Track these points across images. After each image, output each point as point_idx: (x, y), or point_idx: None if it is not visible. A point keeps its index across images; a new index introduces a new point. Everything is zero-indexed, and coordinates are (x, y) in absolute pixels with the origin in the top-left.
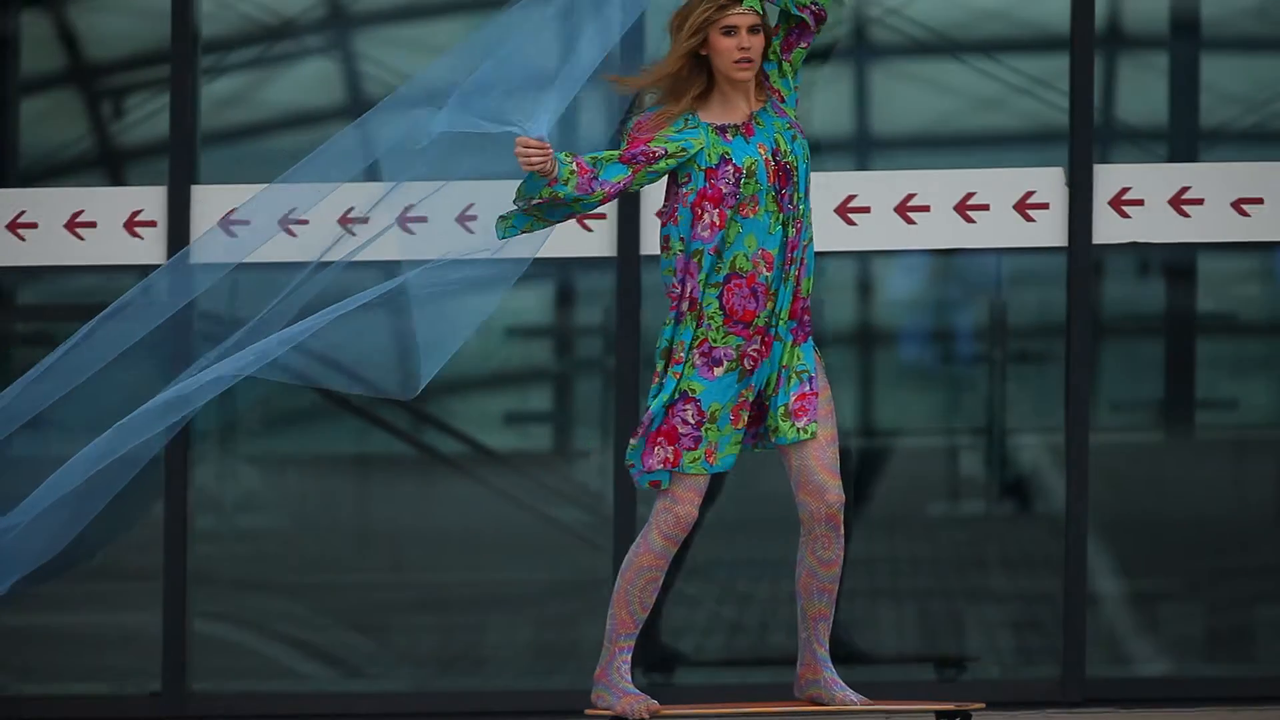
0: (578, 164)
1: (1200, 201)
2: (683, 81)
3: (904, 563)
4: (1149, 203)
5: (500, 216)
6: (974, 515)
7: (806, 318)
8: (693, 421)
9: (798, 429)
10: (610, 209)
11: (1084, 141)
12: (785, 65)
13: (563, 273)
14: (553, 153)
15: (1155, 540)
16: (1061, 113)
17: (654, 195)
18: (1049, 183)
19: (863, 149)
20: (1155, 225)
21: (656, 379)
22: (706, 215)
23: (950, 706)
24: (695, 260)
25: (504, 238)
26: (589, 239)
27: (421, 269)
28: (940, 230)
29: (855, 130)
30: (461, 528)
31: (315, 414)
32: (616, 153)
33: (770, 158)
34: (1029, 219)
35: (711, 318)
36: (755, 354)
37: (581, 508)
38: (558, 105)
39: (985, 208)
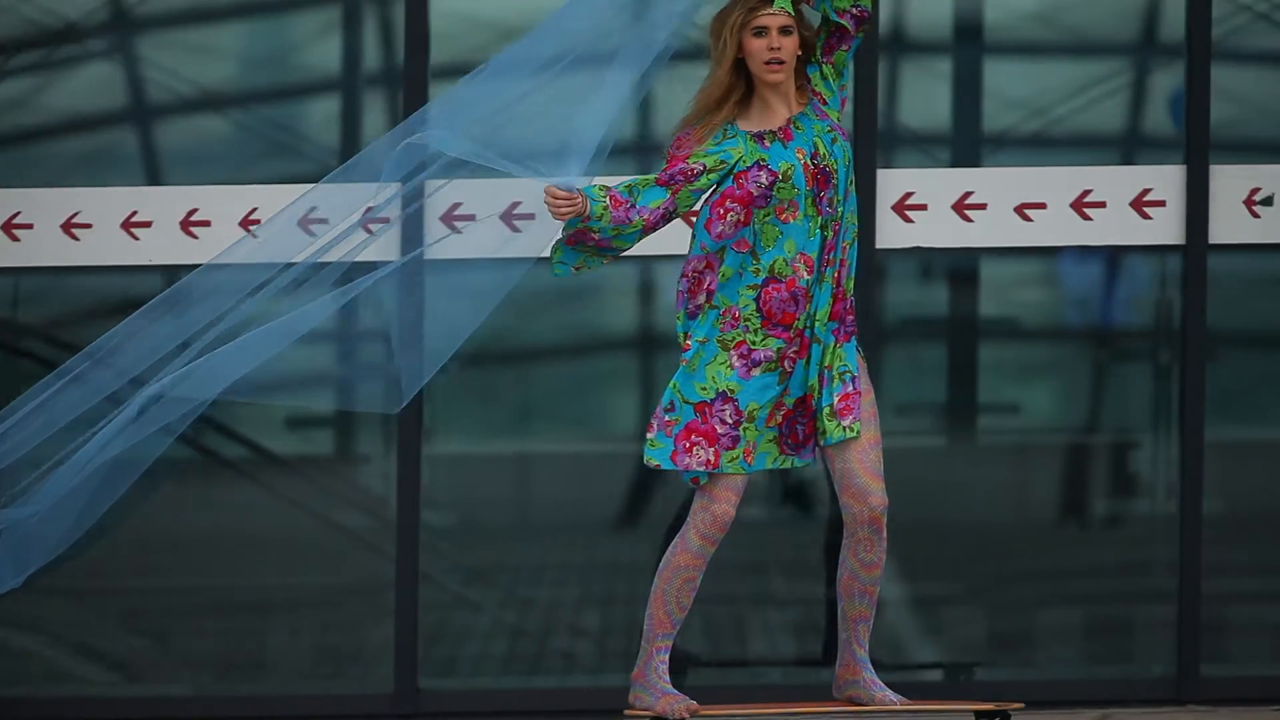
0: (611, 196)
1: (983, 206)
2: (727, 90)
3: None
4: (932, 207)
5: (548, 255)
6: (755, 520)
7: (850, 318)
8: (730, 421)
9: (843, 427)
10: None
11: (868, 146)
12: (826, 68)
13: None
14: (581, 197)
15: (937, 544)
16: (847, 119)
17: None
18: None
19: (643, 152)
20: (938, 230)
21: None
22: (730, 214)
23: (990, 706)
24: (718, 256)
25: (558, 275)
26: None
27: (404, 272)
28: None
29: (638, 136)
30: (244, 532)
31: (95, 418)
32: (653, 176)
33: (809, 161)
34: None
35: (748, 319)
36: (794, 355)
37: (364, 512)
38: (593, 151)
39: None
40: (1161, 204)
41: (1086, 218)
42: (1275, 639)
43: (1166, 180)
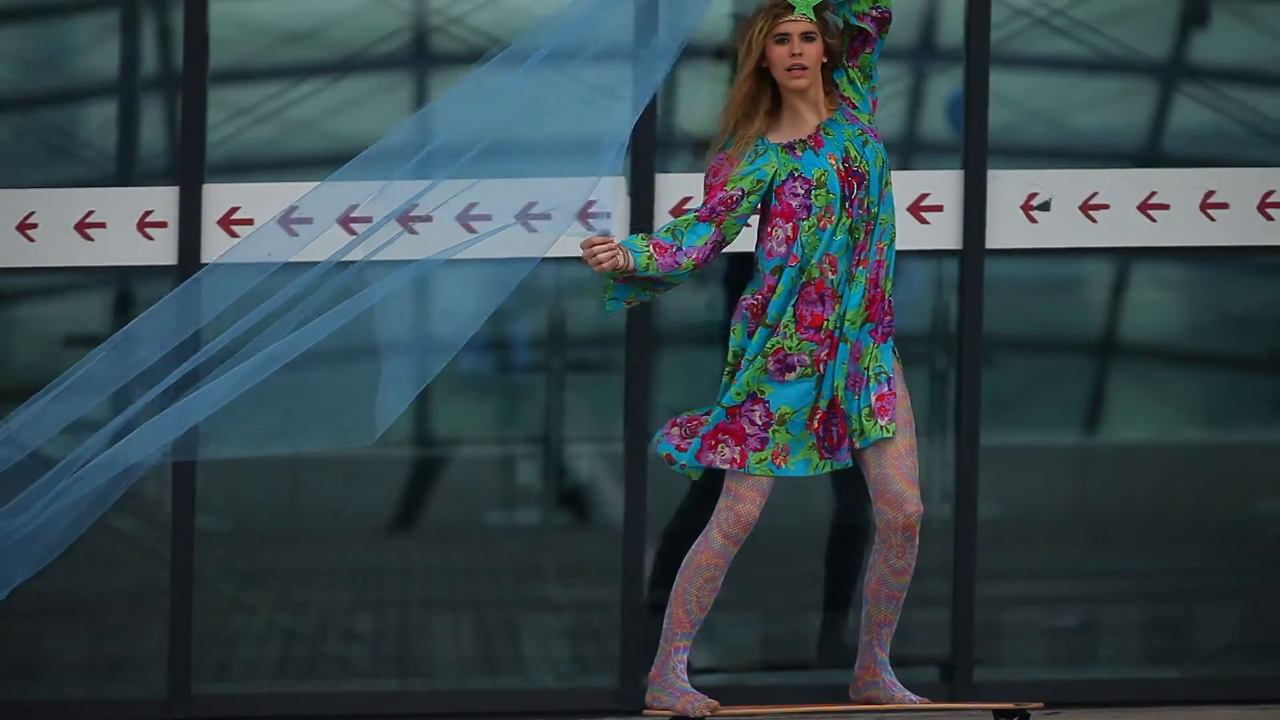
0: (654, 245)
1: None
2: (753, 100)
3: (461, 572)
4: (559, 218)
5: (604, 290)
6: (531, 525)
7: (887, 319)
8: (760, 423)
9: (880, 427)
10: (168, 214)
11: (647, 151)
12: (854, 72)
13: (122, 281)
14: (621, 246)
15: None
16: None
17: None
18: (613, 193)
19: (425, 158)
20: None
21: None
22: (778, 231)
23: (1009, 706)
24: (774, 277)
25: (611, 311)
26: (149, 247)
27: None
28: (505, 239)
29: (417, 139)
30: None
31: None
32: (693, 214)
33: (841, 165)
34: (590, 227)
35: (786, 325)
36: (825, 357)
37: (140, 516)
38: (624, 146)
39: (546, 217)
40: (939, 209)
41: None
42: (1047, 643)
43: (944, 185)
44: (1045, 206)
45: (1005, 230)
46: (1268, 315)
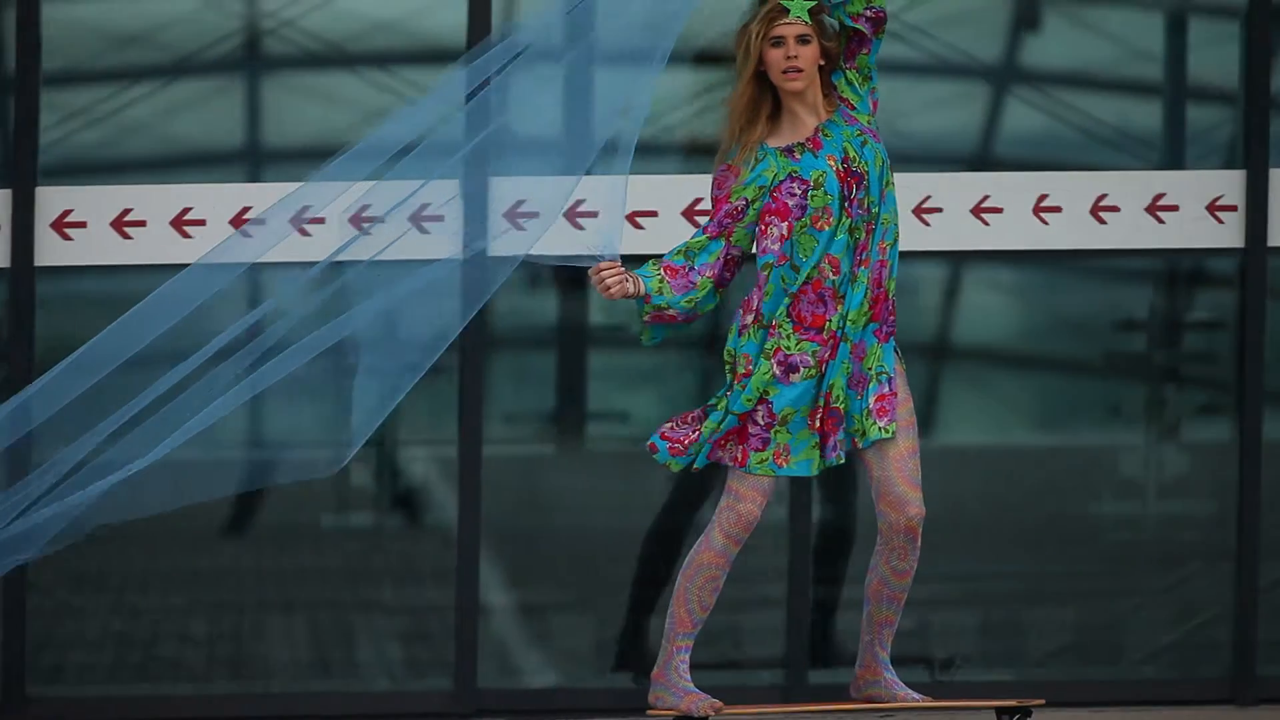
0: (665, 268)
1: (594, 214)
2: (754, 105)
3: (293, 574)
4: (544, 217)
5: (639, 332)
6: (364, 527)
7: (891, 318)
8: (762, 423)
9: (880, 428)
10: (0, 217)
11: (480, 154)
12: (851, 74)
13: None
14: (631, 273)
15: (545, 552)
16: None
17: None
18: (443, 195)
19: (256, 161)
20: (551, 238)
21: (729, 386)
22: (773, 229)
23: (1012, 704)
24: (764, 274)
25: (647, 341)
26: None
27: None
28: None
29: (248, 142)
30: None
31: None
32: (703, 235)
33: (840, 166)
34: (424, 230)
35: (781, 326)
36: (827, 358)
37: None
38: (620, 215)
39: (380, 219)
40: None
41: (696, 224)
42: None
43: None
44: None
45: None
46: (1100, 318)
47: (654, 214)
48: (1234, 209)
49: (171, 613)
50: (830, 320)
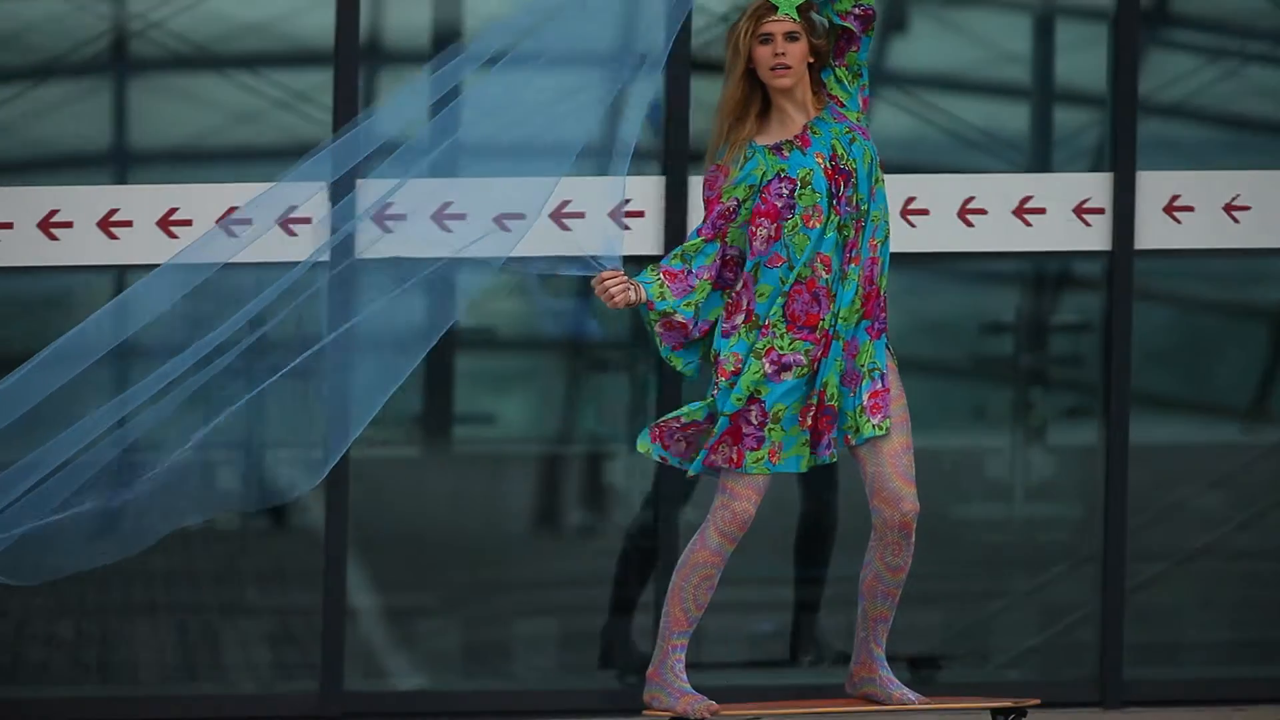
0: (664, 273)
1: (461, 217)
2: (744, 103)
3: (160, 576)
4: (412, 217)
5: (669, 361)
6: (230, 530)
7: (882, 315)
8: (756, 422)
9: (874, 425)
10: None
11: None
12: (840, 71)
13: None
14: (631, 280)
15: (413, 555)
16: (323, 127)
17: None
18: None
19: (121, 163)
20: (417, 240)
21: (714, 385)
22: (761, 230)
23: (1008, 703)
24: (751, 274)
25: (687, 371)
26: None
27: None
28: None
29: (114, 144)
30: None
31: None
32: (699, 237)
33: (828, 164)
34: (291, 234)
35: (775, 326)
36: (819, 356)
37: None
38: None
39: (247, 222)
40: (640, 214)
41: (566, 228)
42: (746, 648)
43: (647, 191)
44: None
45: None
46: (967, 321)
47: (519, 216)
48: (1101, 212)
49: (36, 615)
50: (823, 319)
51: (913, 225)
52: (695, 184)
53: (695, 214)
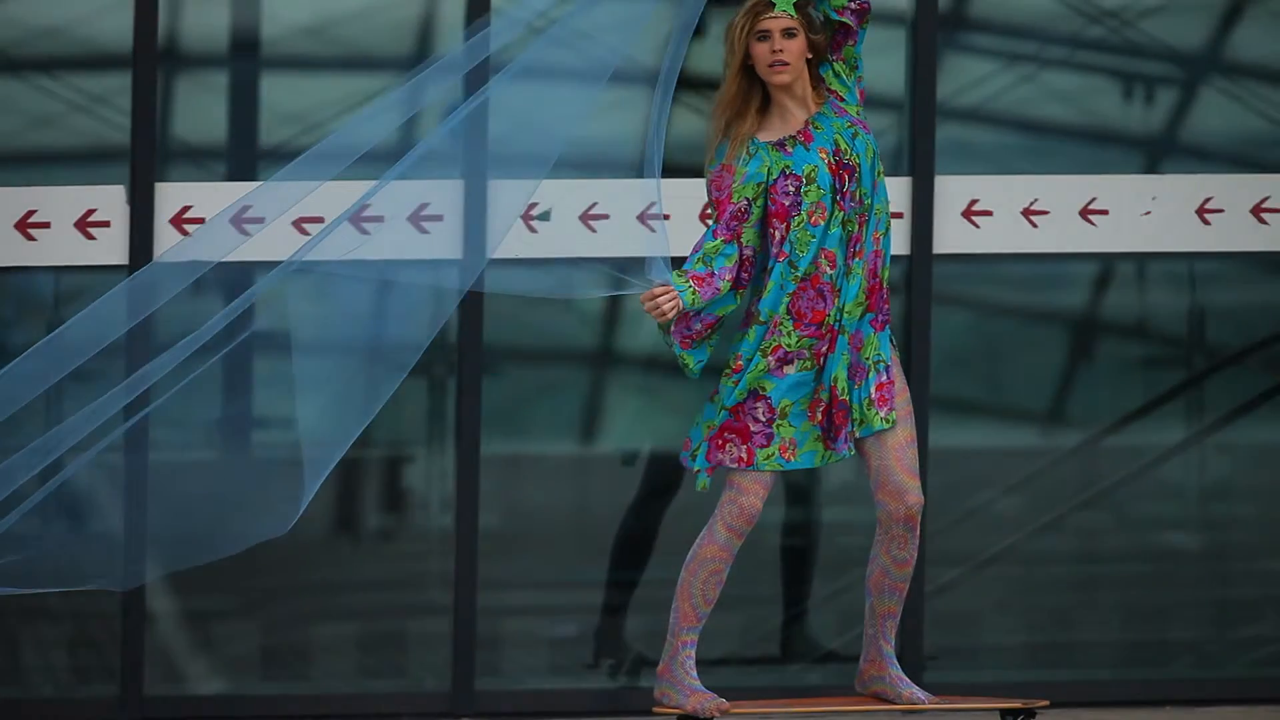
0: (692, 278)
1: (260, 220)
2: (743, 99)
3: None
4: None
5: (681, 363)
6: (30, 534)
7: (886, 307)
8: (763, 419)
9: (881, 418)
10: None
11: (146, 160)
12: (838, 65)
13: None
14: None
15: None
16: (121, 131)
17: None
18: (110, 201)
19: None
20: (216, 244)
21: (720, 387)
22: (776, 232)
23: (1017, 704)
24: (767, 275)
25: (697, 375)
26: None
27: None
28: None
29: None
30: None
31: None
32: (718, 240)
33: (832, 159)
34: (90, 237)
35: (781, 324)
36: (825, 351)
37: None
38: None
39: (47, 225)
40: (439, 218)
41: (365, 231)
42: (549, 653)
43: (446, 195)
44: (546, 216)
45: (508, 240)
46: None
47: (319, 220)
48: (900, 216)
49: None
50: (828, 314)
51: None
52: (495, 187)
53: (495, 219)
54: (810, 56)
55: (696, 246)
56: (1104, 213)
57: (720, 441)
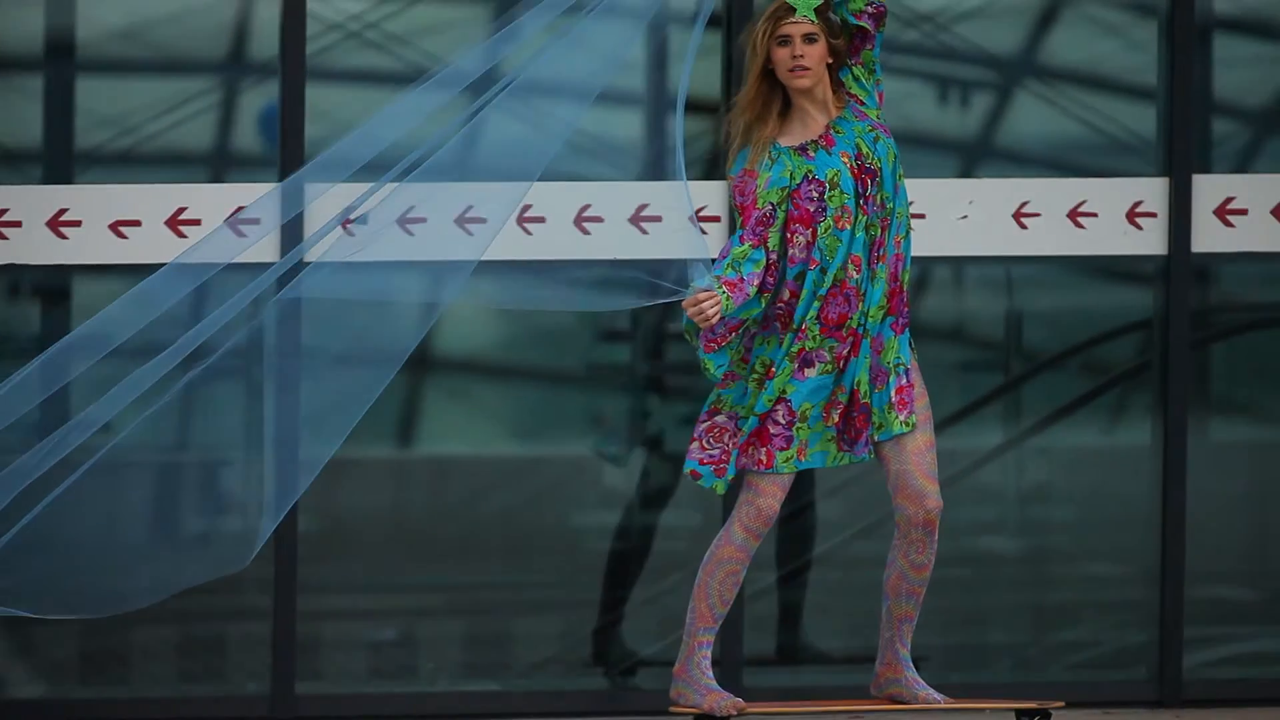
0: (725, 284)
1: (78, 223)
2: (764, 102)
3: None
4: (27, 224)
5: (703, 366)
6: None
7: (905, 310)
8: (784, 422)
9: (901, 421)
10: None
11: None
12: (857, 69)
13: None
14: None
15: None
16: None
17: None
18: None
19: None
20: (31, 247)
21: (746, 392)
22: (799, 238)
23: (1032, 705)
24: (797, 282)
25: (715, 378)
26: None
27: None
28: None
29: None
30: None
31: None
32: (745, 245)
33: (854, 163)
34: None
35: (809, 329)
36: (847, 355)
37: None
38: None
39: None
40: (255, 222)
41: (182, 235)
42: (367, 657)
43: (264, 199)
44: (364, 220)
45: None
46: (580, 329)
47: (137, 223)
48: (717, 220)
49: None
50: (852, 318)
51: (529, 233)
52: (310, 192)
53: (312, 220)
54: (830, 61)
55: (724, 252)
56: (921, 216)
57: (746, 446)
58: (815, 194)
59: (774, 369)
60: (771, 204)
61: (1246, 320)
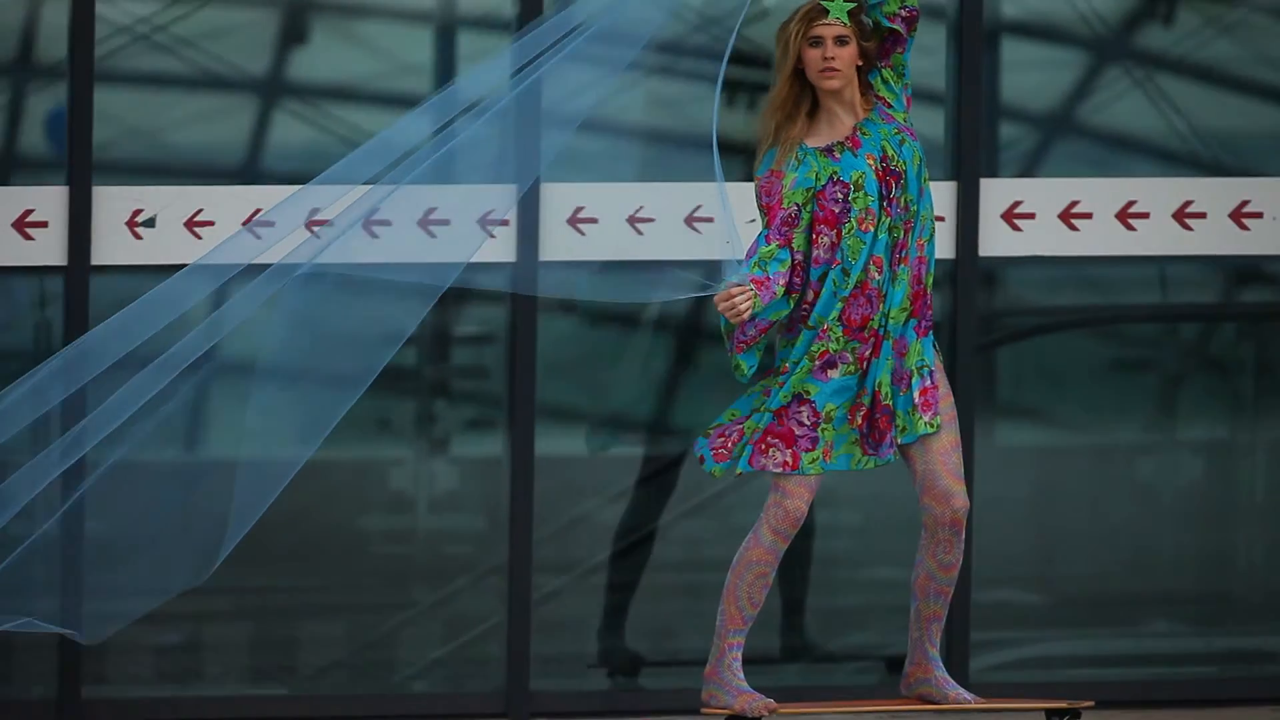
0: (754, 283)
1: (709, 219)
2: (794, 102)
3: None
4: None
5: (733, 367)
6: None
7: (929, 312)
8: (808, 423)
9: (925, 423)
10: None
11: None
12: (886, 72)
13: None
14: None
15: None
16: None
17: None
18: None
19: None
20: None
21: (764, 388)
22: (823, 239)
23: (1062, 704)
24: (819, 282)
25: (746, 378)
26: None
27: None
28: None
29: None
30: None
31: None
32: (772, 244)
33: (879, 165)
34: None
35: (831, 330)
36: (869, 356)
37: None
38: (734, 228)
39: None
40: (44, 225)
41: (30, 237)
42: (154, 660)
43: (49, 201)
44: (151, 223)
45: (111, 246)
46: (369, 333)
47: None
48: (505, 224)
49: None
50: (873, 319)
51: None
52: (101, 195)
53: (99, 225)
54: (860, 64)
55: (751, 251)
56: (709, 220)
57: (764, 446)
58: (840, 195)
59: (789, 364)
60: (797, 205)
61: (1034, 324)
